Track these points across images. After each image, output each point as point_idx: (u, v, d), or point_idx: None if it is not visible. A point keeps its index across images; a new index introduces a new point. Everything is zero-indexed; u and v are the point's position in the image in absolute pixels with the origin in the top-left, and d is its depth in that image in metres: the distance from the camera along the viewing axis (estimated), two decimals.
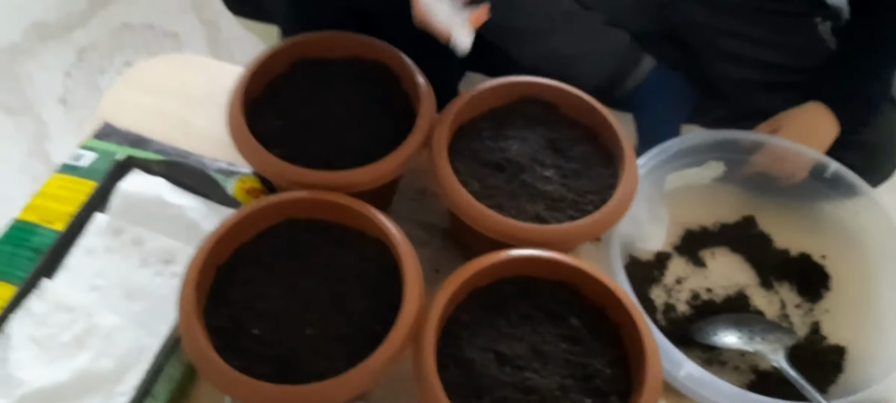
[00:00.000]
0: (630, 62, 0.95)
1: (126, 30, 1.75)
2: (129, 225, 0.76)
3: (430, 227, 0.85)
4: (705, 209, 0.91)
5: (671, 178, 0.87)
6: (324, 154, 0.75)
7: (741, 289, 0.87)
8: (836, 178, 0.85)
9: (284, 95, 0.80)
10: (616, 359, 0.64)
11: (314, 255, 0.67)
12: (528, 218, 0.72)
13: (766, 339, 0.76)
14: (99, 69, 1.67)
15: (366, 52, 0.84)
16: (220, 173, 0.82)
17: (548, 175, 0.76)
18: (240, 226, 0.67)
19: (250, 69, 0.79)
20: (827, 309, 0.85)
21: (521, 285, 0.68)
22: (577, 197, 0.75)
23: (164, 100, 0.95)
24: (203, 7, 1.80)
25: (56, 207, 0.78)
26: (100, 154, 0.84)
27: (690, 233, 0.90)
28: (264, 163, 0.72)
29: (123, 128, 0.88)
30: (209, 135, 0.91)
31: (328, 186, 0.70)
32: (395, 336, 0.60)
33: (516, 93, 0.82)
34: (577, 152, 0.78)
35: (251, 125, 0.75)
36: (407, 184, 0.88)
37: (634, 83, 0.95)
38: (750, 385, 0.78)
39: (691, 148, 0.85)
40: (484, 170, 0.76)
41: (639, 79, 0.95)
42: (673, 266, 0.88)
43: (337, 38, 0.84)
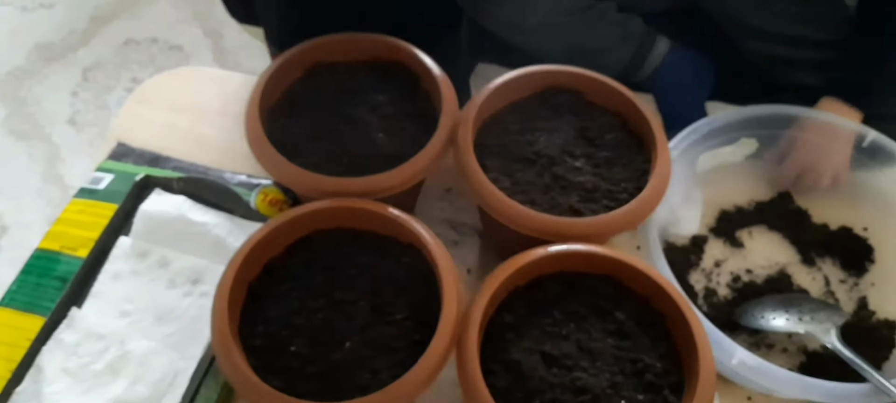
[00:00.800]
0: (646, 47, 0.93)
1: (130, 45, 1.74)
2: (154, 247, 0.74)
3: (460, 227, 0.83)
4: (740, 188, 0.89)
5: (703, 159, 0.84)
6: (347, 160, 0.73)
7: (782, 268, 0.84)
8: (874, 147, 0.82)
9: (302, 102, 0.79)
10: (666, 352, 0.62)
11: (347, 265, 0.65)
12: (563, 211, 0.70)
13: (816, 318, 0.73)
14: (106, 87, 1.65)
15: (382, 52, 0.82)
16: (241, 186, 0.80)
17: (579, 166, 0.74)
18: (268, 240, 0.65)
19: (265, 77, 0.77)
20: (873, 283, 0.83)
21: (562, 281, 0.66)
22: (611, 186, 0.72)
23: (177, 116, 0.93)
24: (206, 18, 1.79)
25: (77, 233, 0.76)
26: (117, 175, 0.82)
27: (726, 214, 0.88)
28: (287, 173, 0.71)
29: (139, 147, 0.87)
30: (226, 147, 0.89)
31: (354, 193, 0.68)
32: (438, 343, 0.58)
33: (540, 82, 0.80)
34: (607, 140, 0.76)
35: (270, 135, 0.73)
36: (432, 184, 0.86)
37: (652, 68, 0.93)
38: (801, 368, 0.76)
39: (722, 127, 0.82)
40: (514, 164, 0.73)
41: (656, 63, 0.93)
42: (710, 249, 0.85)
43: (352, 40, 0.82)
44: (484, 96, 0.76)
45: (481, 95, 0.76)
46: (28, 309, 0.70)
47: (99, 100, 1.61)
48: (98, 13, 1.78)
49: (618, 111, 0.78)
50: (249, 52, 1.71)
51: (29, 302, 0.71)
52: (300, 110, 0.77)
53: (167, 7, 1.80)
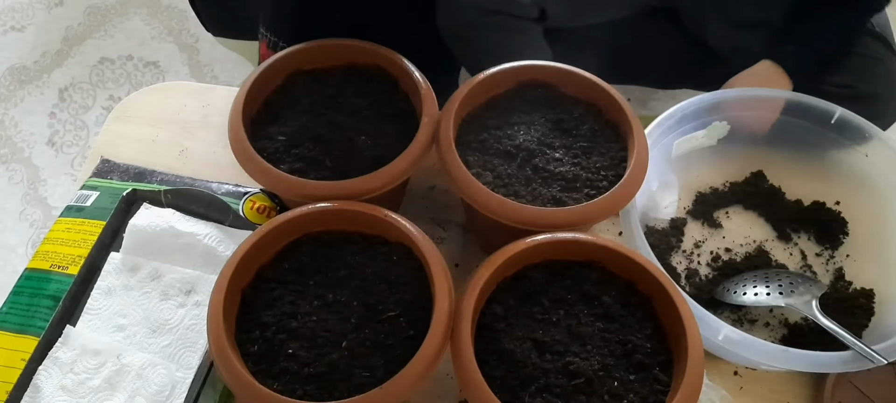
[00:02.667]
0: None
1: (105, 64, 1.73)
2: (145, 260, 0.75)
3: (446, 223, 0.85)
4: (714, 170, 0.91)
5: (677, 144, 0.86)
6: (331, 164, 0.74)
7: (760, 245, 0.87)
8: (842, 124, 0.85)
9: (284, 109, 0.80)
10: (653, 332, 0.64)
11: (338, 267, 0.67)
12: (546, 202, 0.71)
13: (796, 291, 0.76)
14: (83, 106, 1.65)
15: (361, 57, 0.83)
16: (228, 196, 0.81)
17: (559, 156, 0.75)
18: (259, 247, 0.66)
19: (246, 87, 0.78)
20: (848, 254, 0.86)
21: (548, 270, 0.67)
22: (590, 174, 0.74)
23: (159, 130, 0.94)
24: (180, 33, 1.78)
25: (67, 251, 0.76)
26: (102, 191, 0.83)
27: (702, 196, 0.90)
28: (273, 180, 0.72)
29: (123, 163, 0.87)
30: (210, 158, 0.89)
31: (341, 196, 0.69)
32: (432, 338, 0.60)
33: (514, 78, 0.82)
34: (583, 130, 0.78)
35: (254, 143, 0.74)
36: (415, 183, 0.88)
37: None
38: (783, 340, 0.78)
39: (694, 112, 0.85)
40: (495, 159, 0.75)
41: None
42: (689, 230, 0.88)
43: (330, 46, 0.83)
44: (462, 95, 0.77)
45: (459, 94, 0.77)
46: (21, 329, 0.71)
47: (77, 120, 1.61)
48: (70, 34, 1.77)
49: (592, 101, 0.80)
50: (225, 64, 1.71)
51: (21, 323, 0.71)
52: (283, 117, 0.78)
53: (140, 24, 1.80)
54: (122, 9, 1.84)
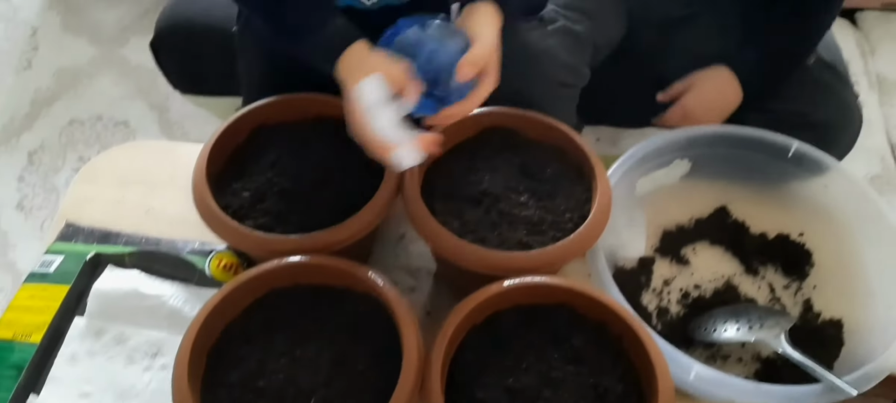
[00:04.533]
0: None
1: (74, 125, 1.73)
2: (109, 324, 0.73)
3: (416, 271, 0.84)
4: (679, 207, 0.92)
5: (641, 183, 0.87)
6: (298, 217, 0.74)
7: (728, 280, 0.87)
8: (799, 157, 0.86)
9: (249, 165, 0.80)
10: (624, 373, 0.64)
11: (305, 322, 0.66)
12: (513, 246, 0.72)
13: (765, 325, 0.76)
14: (52, 168, 1.63)
15: (323, 109, 0.84)
16: (194, 254, 0.80)
17: (524, 200, 0.76)
18: (224, 305, 0.66)
19: (209, 144, 0.78)
20: (815, 285, 0.87)
21: (517, 314, 0.67)
22: (556, 217, 0.75)
23: (126, 190, 0.93)
24: (150, 92, 1.79)
25: (30, 319, 0.75)
26: (67, 256, 0.82)
27: (668, 234, 0.91)
28: (238, 236, 0.71)
29: (88, 226, 0.86)
30: (177, 217, 0.89)
31: (307, 250, 0.69)
32: (401, 389, 0.59)
33: (478, 124, 0.83)
34: (547, 173, 0.79)
35: (219, 200, 0.74)
36: (386, 232, 0.88)
37: None
38: (756, 375, 0.78)
39: (656, 150, 0.86)
40: (461, 205, 0.75)
41: None
42: (658, 268, 0.88)
43: (293, 101, 0.84)
44: None
45: None
46: None
47: (46, 183, 1.59)
48: (39, 96, 1.77)
49: (554, 144, 0.81)
50: (196, 121, 1.71)
51: None
52: (248, 173, 0.78)
53: (109, 85, 1.80)
54: (92, 70, 1.84)
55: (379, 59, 0.68)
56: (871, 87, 1.70)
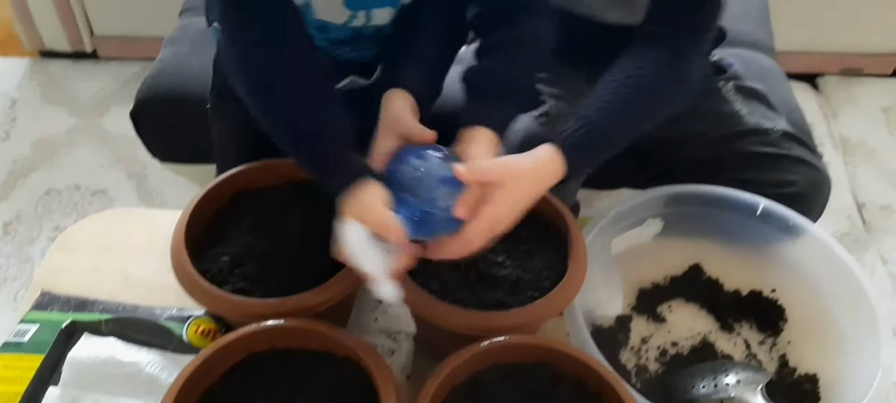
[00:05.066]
0: None
1: (51, 195, 1.72)
2: (85, 394, 0.72)
3: (395, 334, 0.84)
4: (654, 265, 0.94)
5: (615, 242, 0.89)
6: (277, 281, 0.74)
7: (705, 337, 0.88)
8: (767, 214, 0.89)
9: (228, 229, 0.80)
10: None
11: (284, 386, 0.66)
12: (491, 306, 0.73)
13: (743, 381, 0.77)
14: (28, 239, 1.62)
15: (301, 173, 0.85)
16: (172, 320, 0.80)
17: (501, 260, 0.77)
18: (202, 371, 0.65)
19: (189, 209, 0.79)
20: (789, 341, 0.88)
21: (498, 374, 0.68)
22: (533, 276, 0.76)
23: (103, 258, 0.93)
24: (128, 160, 1.79)
25: (3, 389, 0.74)
26: (42, 324, 0.81)
27: (645, 292, 0.92)
28: (216, 301, 0.71)
29: (63, 294, 0.86)
30: (154, 283, 0.88)
31: (285, 313, 0.69)
32: None
33: None
34: (523, 233, 0.80)
35: (198, 265, 0.74)
36: (364, 295, 0.88)
37: None
38: None
39: (629, 210, 0.88)
40: (439, 267, 0.76)
41: None
42: (636, 326, 0.89)
43: (273, 166, 0.85)
44: None
45: None
46: None
47: (21, 254, 1.58)
48: (16, 167, 1.77)
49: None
50: (174, 189, 1.71)
51: None
52: (227, 237, 0.79)
53: (88, 154, 1.80)
54: (71, 140, 1.85)
55: (371, 206, 0.67)
56: (836, 148, 1.76)
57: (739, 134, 0.99)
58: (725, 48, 1.09)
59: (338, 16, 0.85)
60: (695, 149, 1.01)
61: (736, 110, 1.01)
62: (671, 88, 0.82)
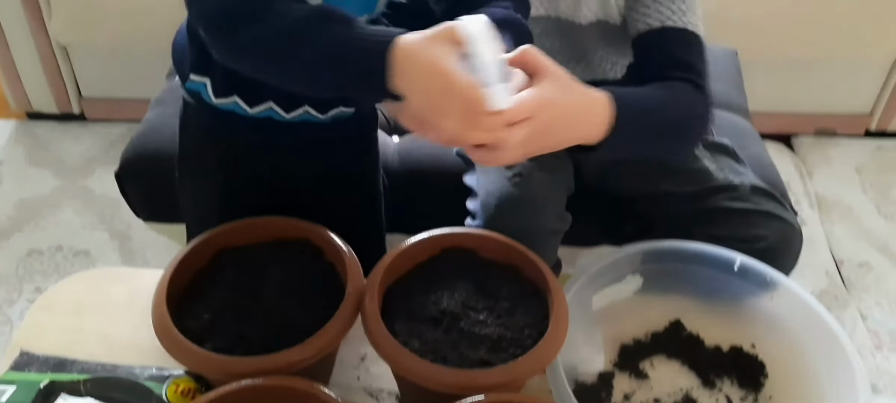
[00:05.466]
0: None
1: (33, 256, 1.71)
2: None
3: (378, 392, 0.84)
4: (634, 322, 0.94)
5: (597, 299, 0.90)
6: (257, 339, 0.74)
7: (687, 393, 0.89)
8: (745, 270, 0.90)
9: (210, 287, 0.80)
10: None
11: None
12: (474, 364, 0.73)
13: None
14: (7, 300, 1.60)
15: (285, 231, 0.86)
16: (152, 380, 0.79)
17: (483, 318, 0.77)
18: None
19: (171, 268, 0.79)
20: (770, 396, 0.88)
21: None
22: (515, 334, 0.76)
23: (83, 318, 0.92)
24: (112, 220, 1.79)
25: None
26: (19, 386, 0.80)
27: (626, 348, 0.93)
28: (196, 359, 0.71)
29: (42, 354, 0.85)
30: (134, 342, 0.88)
31: (265, 371, 0.69)
32: None
33: (438, 245, 0.85)
34: (505, 291, 0.81)
35: (179, 323, 0.74)
36: (346, 353, 0.88)
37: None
38: None
39: (609, 266, 0.89)
40: (421, 325, 0.77)
41: None
42: (618, 383, 0.89)
43: (256, 224, 0.86)
44: (387, 263, 0.80)
45: (383, 264, 0.80)
46: None
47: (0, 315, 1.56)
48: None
49: (511, 263, 0.84)
50: (157, 249, 1.70)
51: None
52: (208, 295, 0.79)
53: (71, 215, 1.80)
54: (54, 201, 1.84)
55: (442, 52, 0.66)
56: (812, 207, 1.79)
57: (709, 190, 1.02)
58: None
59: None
60: (668, 206, 1.04)
61: (705, 166, 1.04)
62: (699, 108, 0.92)
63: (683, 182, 1.03)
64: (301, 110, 0.90)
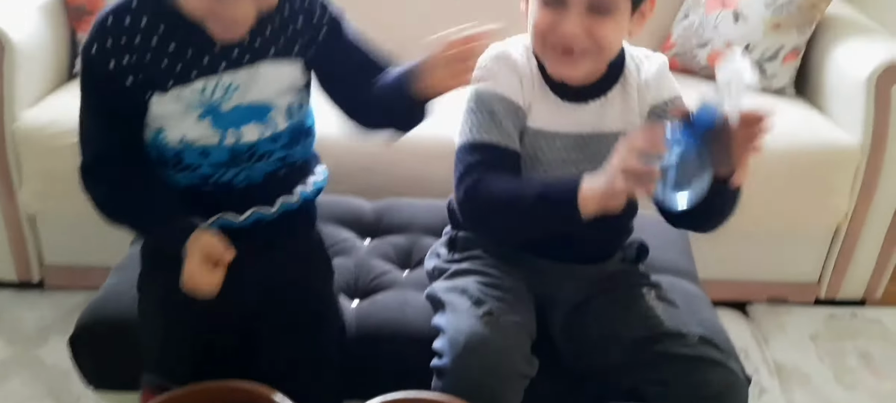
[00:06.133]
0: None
1: None
2: None
3: None
4: None
5: None
6: None
7: None
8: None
9: None
10: None
11: None
12: None
13: None
14: None
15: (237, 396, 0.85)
16: None
17: None
18: None
19: None
20: None
21: None
22: None
23: None
24: (61, 392, 1.73)
25: None
26: None
27: None
28: None
29: None
30: None
31: None
32: None
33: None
34: None
35: None
36: None
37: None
38: None
39: None
40: None
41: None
42: None
43: (202, 390, 0.85)
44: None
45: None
46: None
47: None
48: None
49: None
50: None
51: None
52: None
53: (19, 386, 1.73)
54: (3, 372, 1.78)
55: None
56: (772, 375, 1.81)
57: (660, 336, 1.05)
58: (649, 273, 1.18)
59: (210, 137, 1.01)
60: (621, 351, 1.06)
61: (657, 314, 1.09)
62: None
63: (637, 328, 1.07)
64: (251, 211, 1.05)
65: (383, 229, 1.53)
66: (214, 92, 0.99)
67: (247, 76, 1.00)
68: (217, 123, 1.00)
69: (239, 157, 1.03)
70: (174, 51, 0.96)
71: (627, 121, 1.13)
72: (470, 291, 1.07)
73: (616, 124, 1.13)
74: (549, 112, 1.11)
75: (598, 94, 1.12)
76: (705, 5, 2.08)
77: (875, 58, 1.79)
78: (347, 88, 1.09)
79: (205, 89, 0.98)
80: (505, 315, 1.02)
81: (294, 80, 1.06)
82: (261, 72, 1.01)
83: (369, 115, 1.09)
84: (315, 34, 1.06)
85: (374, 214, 1.57)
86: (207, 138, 1.01)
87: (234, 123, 1.01)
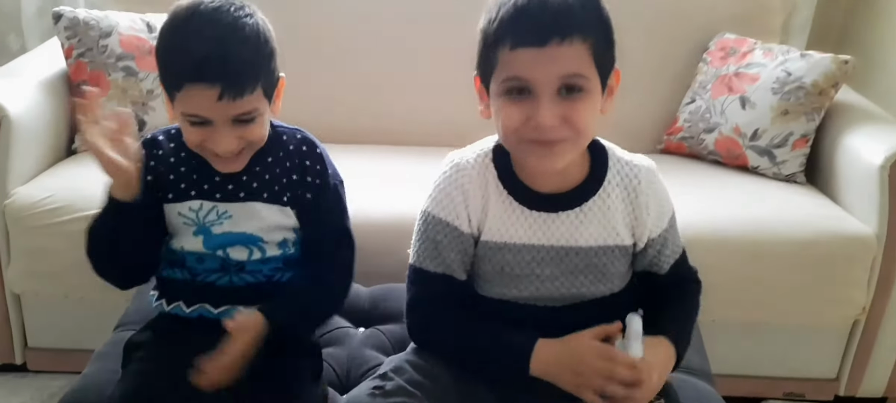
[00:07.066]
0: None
1: None
2: None
3: None
4: None
5: None
6: None
7: None
8: None
9: None
10: None
11: None
12: None
13: None
14: None
15: None
16: None
17: None
18: None
19: None
20: None
21: None
22: None
23: None
24: None
25: None
26: None
27: None
28: None
29: None
30: None
31: None
32: None
33: None
34: None
35: None
36: None
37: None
38: None
39: None
40: None
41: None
42: None
43: None
44: None
45: None
46: None
47: None
48: None
49: None
50: None
51: None
52: None
53: None
54: None
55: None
56: None
57: None
58: None
59: (202, 252, 1.14)
60: None
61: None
62: (698, 295, 1.20)
63: None
64: (198, 306, 1.15)
65: (378, 317, 1.46)
66: (208, 214, 1.13)
67: (240, 209, 1.14)
68: (208, 244, 1.13)
69: (228, 268, 1.15)
70: (184, 171, 1.14)
71: (608, 235, 1.08)
72: (398, 367, 1.05)
73: (594, 238, 1.08)
74: (511, 223, 1.07)
75: (572, 204, 1.07)
76: (711, 90, 2.06)
77: (888, 145, 1.75)
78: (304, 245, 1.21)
79: (200, 209, 1.14)
80: (397, 395, 0.97)
81: (285, 223, 1.17)
82: (254, 210, 1.14)
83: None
84: (306, 190, 1.17)
85: (369, 301, 1.51)
86: (201, 251, 1.14)
87: (222, 246, 1.14)
